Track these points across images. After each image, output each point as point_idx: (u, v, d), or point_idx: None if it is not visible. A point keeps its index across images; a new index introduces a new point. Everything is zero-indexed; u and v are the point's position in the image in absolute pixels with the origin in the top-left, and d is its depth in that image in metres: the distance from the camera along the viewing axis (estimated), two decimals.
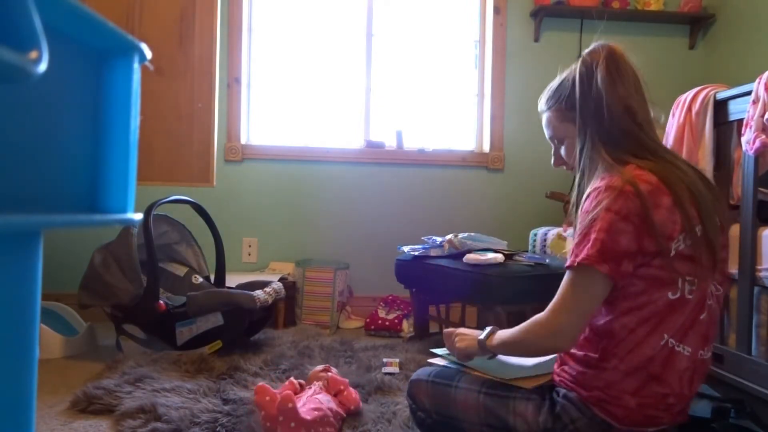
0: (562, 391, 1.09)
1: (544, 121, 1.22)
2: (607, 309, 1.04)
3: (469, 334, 1.23)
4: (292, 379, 1.66)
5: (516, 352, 1.17)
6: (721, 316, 1.74)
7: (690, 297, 1.02)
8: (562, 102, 1.17)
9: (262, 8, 3.10)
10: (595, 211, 1.01)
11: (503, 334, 1.15)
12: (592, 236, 0.99)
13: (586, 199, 1.05)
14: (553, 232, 2.57)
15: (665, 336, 1.01)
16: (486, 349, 1.17)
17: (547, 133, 1.23)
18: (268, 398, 1.40)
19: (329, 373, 1.69)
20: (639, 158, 1.08)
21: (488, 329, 1.19)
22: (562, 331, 1.02)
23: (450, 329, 1.29)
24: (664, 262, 1.00)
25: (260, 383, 1.48)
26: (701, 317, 1.04)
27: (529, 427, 1.08)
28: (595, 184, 1.05)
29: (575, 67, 1.16)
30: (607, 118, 1.10)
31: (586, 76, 1.14)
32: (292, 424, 1.36)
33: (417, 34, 3.18)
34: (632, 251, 0.99)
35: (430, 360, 1.35)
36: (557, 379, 1.12)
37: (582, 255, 0.99)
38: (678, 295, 1.01)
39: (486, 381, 1.19)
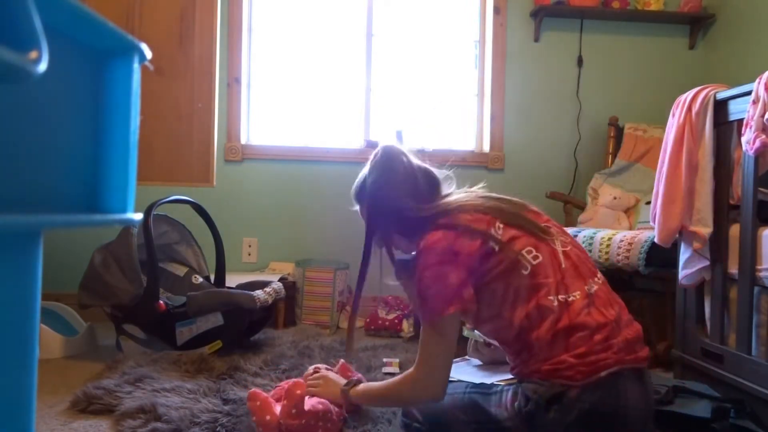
0: (523, 382, 1.19)
1: (360, 213, 1.46)
2: (496, 320, 1.18)
3: (334, 382, 1.44)
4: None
5: (383, 404, 1.39)
6: (721, 316, 1.74)
7: (538, 261, 1.17)
8: (360, 199, 1.46)
9: (262, 8, 3.10)
10: (417, 277, 1.18)
11: (370, 387, 1.33)
12: (429, 294, 1.15)
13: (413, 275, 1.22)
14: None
15: (551, 298, 1.13)
16: (348, 398, 1.37)
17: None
18: (258, 403, 1.41)
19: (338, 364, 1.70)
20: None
21: (353, 380, 1.40)
22: (437, 385, 1.18)
23: (320, 373, 1.49)
24: (499, 257, 1.16)
25: (252, 389, 1.47)
26: (564, 266, 1.18)
27: (509, 413, 1.17)
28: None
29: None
30: (387, 213, 1.33)
31: (363, 180, 1.43)
32: (294, 411, 1.37)
33: (417, 34, 3.18)
34: (465, 276, 1.16)
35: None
36: (517, 375, 1.22)
37: (429, 315, 1.16)
38: (529, 267, 1.16)
39: (469, 383, 1.29)
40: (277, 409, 1.42)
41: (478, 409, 1.20)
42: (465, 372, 1.48)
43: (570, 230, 2.34)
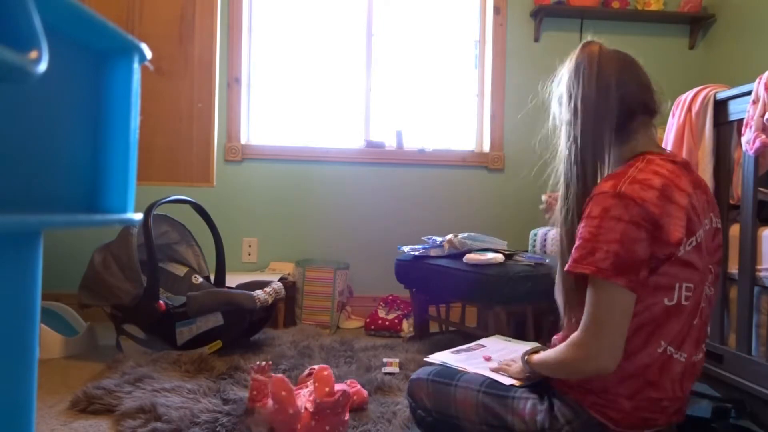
0: (559, 391, 1.10)
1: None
2: None
3: (514, 361, 1.23)
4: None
5: (559, 374, 1.12)
6: (721, 316, 1.74)
7: (686, 303, 1.00)
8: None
9: (262, 8, 3.10)
10: (603, 219, 0.97)
11: (544, 355, 1.12)
12: (604, 247, 0.95)
13: (589, 201, 1.02)
14: (554, 232, 2.57)
15: (662, 343, 1.00)
16: (527, 366, 1.15)
17: None
18: (284, 393, 1.39)
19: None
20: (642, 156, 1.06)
21: (531, 347, 1.19)
22: (603, 353, 0.98)
23: (500, 365, 1.27)
24: (665, 268, 0.98)
25: (280, 375, 1.45)
26: (695, 322, 1.03)
27: (527, 426, 1.09)
28: (601, 186, 1.02)
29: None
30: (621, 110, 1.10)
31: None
32: (327, 389, 1.38)
33: (417, 34, 3.18)
34: (647, 259, 0.96)
35: (427, 358, 1.36)
36: (555, 381, 1.13)
37: (593, 266, 0.96)
38: (674, 301, 0.99)
39: (485, 380, 1.19)
40: (300, 407, 1.41)
41: (490, 412, 1.13)
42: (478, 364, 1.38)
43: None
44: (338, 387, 1.44)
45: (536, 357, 1.13)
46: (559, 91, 1.17)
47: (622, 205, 0.96)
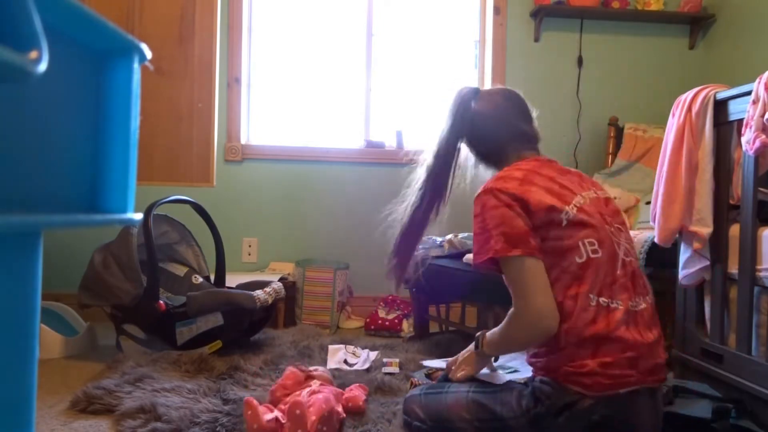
0: (538, 378, 1.17)
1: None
2: None
3: (464, 354, 1.35)
4: (292, 368, 1.68)
5: (509, 348, 1.28)
6: (721, 316, 1.74)
7: (595, 256, 1.13)
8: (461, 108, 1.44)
9: (262, 8, 3.10)
10: (484, 213, 1.18)
11: (492, 334, 1.25)
12: (494, 233, 1.15)
13: (473, 206, 1.23)
14: None
15: (591, 296, 1.10)
16: (484, 354, 1.28)
17: None
18: (250, 412, 1.40)
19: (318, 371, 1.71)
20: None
21: (478, 335, 1.30)
22: (540, 313, 1.11)
23: (449, 363, 1.40)
24: (560, 232, 1.14)
25: (247, 397, 1.46)
26: (618, 272, 1.14)
27: (514, 412, 1.16)
28: (478, 192, 1.24)
29: None
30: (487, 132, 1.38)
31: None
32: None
33: (417, 34, 3.18)
34: (530, 229, 1.14)
35: (423, 362, 1.44)
36: (532, 369, 1.21)
37: (491, 251, 1.14)
38: (584, 257, 1.13)
39: (473, 381, 1.28)
40: (269, 415, 1.41)
41: (481, 407, 1.19)
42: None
43: None
44: (322, 395, 1.44)
45: (487, 338, 1.27)
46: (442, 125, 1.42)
47: (493, 197, 1.18)
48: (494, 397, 1.20)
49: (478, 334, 1.30)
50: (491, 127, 1.35)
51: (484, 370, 1.32)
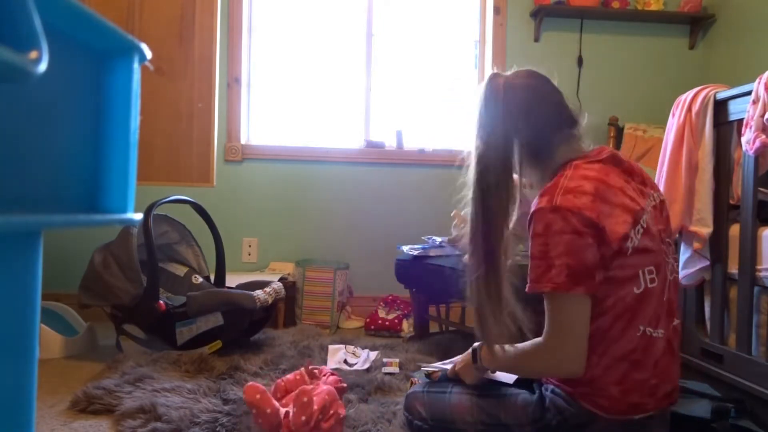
0: (550, 386, 1.13)
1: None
2: None
3: (460, 363, 1.27)
4: (302, 370, 1.68)
5: (519, 372, 1.18)
6: (721, 316, 1.74)
7: (653, 286, 1.04)
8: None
9: (262, 8, 3.10)
10: (547, 236, 1.01)
11: (497, 353, 1.13)
12: (556, 262, 0.99)
13: (531, 220, 1.06)
14: None
15: (641, 327, 1.04)
16: (482, 368, 1.21)
17: None
18: (258, 396, 1.40)
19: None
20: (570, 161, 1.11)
21: (475, 347, 1.21)
22: (570, 358, 1.02)
23: (448, 371, 1.32)
24: (623, 261, 1.02)
25: (249, 383, 1.46)
26: (665, 298, 1.08)
27: (519, 420, 1.13)
28: (538, 202, 1.05)
29: None
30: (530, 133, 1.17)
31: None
32: (303, 418, 1.37)
33: (417, 34, 3.18)
34: (598, 262, 1.00)
35: (422, 366, 1.41)
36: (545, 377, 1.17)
37: (551, 284, 1.00)
38: (642, 288, 1.03)
39: (478, 385, 1.24)
40: (277, 404, 1.42)
41: (484, 411, 1.17)
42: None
43: None
44: (322, 390, 1.45)
45: (489, 355, 1.16)
46: (474, 123, 1.20)
47: (561, 218, 1.00)
48: (499, 402, 1.17)
49: (476, 346, 1.22)
50: (539, 113, 1.15)
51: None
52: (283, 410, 1.41)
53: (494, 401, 1.17)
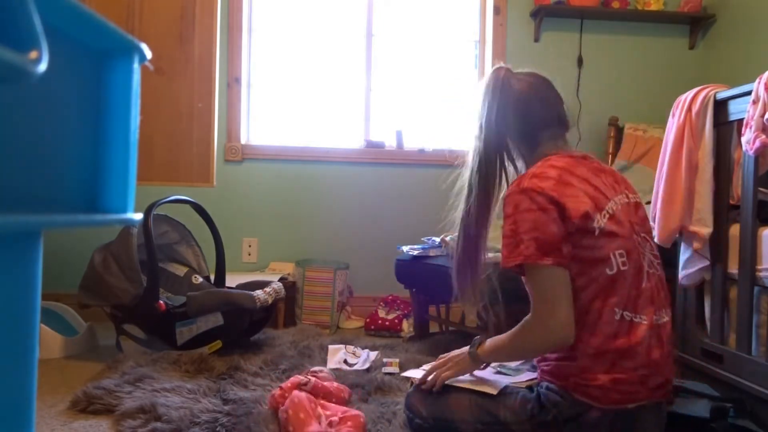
0: (545, 383, 1.16)
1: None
2: None
3: (458, 354, 1.31)
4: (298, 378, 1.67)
5: (515, 355, 1.25)
6: (721, 316, 1.74)
7: (625, 268, 1.10)
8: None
9: (262, 8, 3.10)
10: (516, 214, 1.12)
11: (495, 341, 1.21)
12: (525, 237, 1.09)
13: (503, 204, 1.17)
14: None
15: (617, 310, 1.08)
16: (478, 360, 1.25)
17: None
18: (302, 416, 1.36)
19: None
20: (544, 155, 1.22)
21: (476, 339, 1.27)
22: (559, 322, 1.08)
23: (440, 360, 1.35)
24: (592, 241, 1.10)
25: (295, 392, 1.44)
26: (643, 285, 1.12)
27: (518, 417, 1.15)
28: (509, 188, 1.18)
29: None
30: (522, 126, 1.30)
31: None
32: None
33: (417, 34, 3.18)
34: (563, 236, 1.09)
35: (404, 374, 1.44)
36: (539, 373, 1.20)
37: (521, 256, 1.09)
38: (615, 269, 1.09)
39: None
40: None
41: (484, 410, 1.19)
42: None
43: None
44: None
45: (487, 345, 1.23)
46: (474, 110, 1.31)
47: (527, 198, 1.11)
48: (498, 400, 1.18)
49: (477, 337, 1.28)
50: (531, 107, 1.26)
51: (483, 373, 1.31)
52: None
53: (493, 399, 1.19)
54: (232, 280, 2.45)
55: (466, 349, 1.29)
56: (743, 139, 1.57)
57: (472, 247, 1.27)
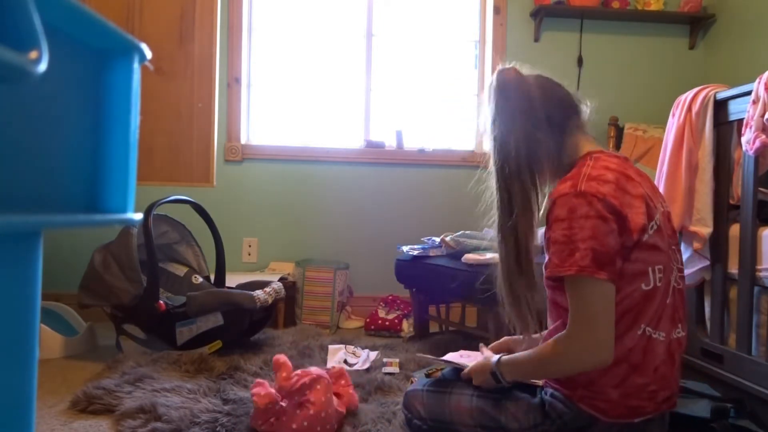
0: (550, 390, 1.13)
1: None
2: None
3: (481, 366, 1.20)
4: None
5: (544, 374, 1.14)
6: (721, 316, 1.74)
7: (659, 285, 1.04)
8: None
9: (262, 8, 3.10)
10: (572, 219, 1.00)
11: (517, 361, 1.12)
12: (581, 246, 0.99)
13: (552, 205, 1.05)
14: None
15: (642, 326, 1.03)
16: (500, 380, 1.15)
17: None
18: (284, 374, 1.44)
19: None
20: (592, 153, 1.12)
21: (494, 369, 1.16)
22: (599, 344, 0.99)
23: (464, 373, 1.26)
24: (637, 254, 1.02)
25: (258, 380, 1.47)
26: (668, 301, 1.07)
27: (520, 424, 1.12)
28: (560, 188, 1.06)
29: None
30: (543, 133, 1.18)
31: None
32: (298, 411, 1.38)
33: (417, 34, 3.18)
34: (619, 249, 1.01)
35: (419, 354, 1.40)
36: (545, 379, 1.16)
37: (576, 266, 0.99)
38: (651, 285, 1.03)
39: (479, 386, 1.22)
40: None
41: (485, 414, 1.16)
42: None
43: None
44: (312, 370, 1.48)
45: (507, 367, 1.14)
46: (487, 115, 1.20)
47: (586, 203, 1.00)
48: (500, 405, 1.15)
49: (495, 361, 1.16)
50: (551, 97, 1.17)
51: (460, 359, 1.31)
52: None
53: (495, 404, 1.16)
54: (232, 280, 2.45)
55: (483, 361, 1.21)
56: (743, 139, 1.57)
57: (522, 254, 1.13)
